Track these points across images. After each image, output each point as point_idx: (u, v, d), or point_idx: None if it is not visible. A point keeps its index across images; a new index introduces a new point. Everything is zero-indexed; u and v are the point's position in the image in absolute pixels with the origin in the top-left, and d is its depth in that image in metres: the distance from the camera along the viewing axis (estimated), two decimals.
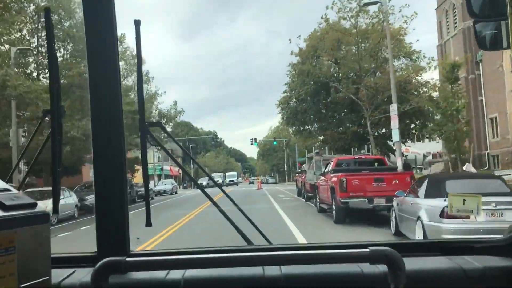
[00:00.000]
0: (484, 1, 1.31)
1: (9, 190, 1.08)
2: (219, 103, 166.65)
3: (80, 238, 10.11)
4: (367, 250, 1.07)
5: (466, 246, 1.48)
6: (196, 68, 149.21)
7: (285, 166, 66.57)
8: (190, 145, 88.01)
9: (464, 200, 1.72)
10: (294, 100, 32.42)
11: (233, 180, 60.71)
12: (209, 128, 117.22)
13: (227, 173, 78.25)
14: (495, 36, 1.33)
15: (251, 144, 55.78)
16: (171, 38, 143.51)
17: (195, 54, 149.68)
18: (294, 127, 35.54)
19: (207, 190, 1.58)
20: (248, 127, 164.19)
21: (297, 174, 27.45)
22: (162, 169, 46.14)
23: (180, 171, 60.82)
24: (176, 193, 35.20)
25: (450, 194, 1.75)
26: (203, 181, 46.92)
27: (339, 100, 29.37)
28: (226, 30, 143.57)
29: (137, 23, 1.38)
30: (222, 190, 1.67)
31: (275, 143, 64.24)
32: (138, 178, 26.50)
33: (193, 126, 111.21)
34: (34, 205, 1.07)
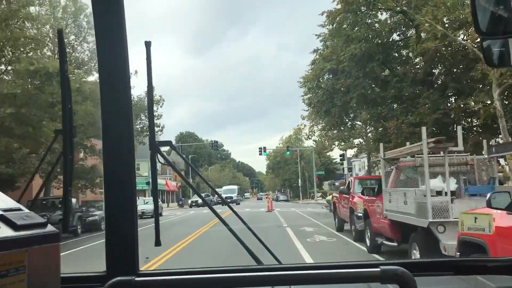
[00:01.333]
0: (491, 19, 1.47)
1: (20, 209, 1.21)
2: (227, 117, 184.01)
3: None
4: (378, 269, 1.16)
5: (479, 265, 1.60)
6: (205, 82, 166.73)
7: (299, 181, 64.99)
8: (189, 156, 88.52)
9: (475, 218, 1.86)
10: (328, 74, 22.61)
11: (231, 197, 53.21)
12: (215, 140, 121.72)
13: (224, 188, 72.48)
14: (503, 53, 1.50)
15: (260, 154, 50.53)
16: (182, 53, 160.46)
17: (204, 68, 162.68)
18: (325, 118, 24.80)
19: (201, 210, 1.73)
20: (256, 142, 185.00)
21: (334, 195, 19.32)
22: (148, 183, 44.55)
23: (179, 186, 60.82)
24: (161, 215, 31.01)
25: (461, 212, 1.91)
26: (199, 198, 46.03)
27: (411, 68, 20.02)
28: (236, 44, 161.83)
29: (147, 44, 1.57)
30: (230, 207, 1.84)
31: (287, 153, 61.73)
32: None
33: (197, 137, 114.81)
34: (44, 225, 1.19)
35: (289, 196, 79.16)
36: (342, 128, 26.05)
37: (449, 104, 18.93)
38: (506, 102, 16.52)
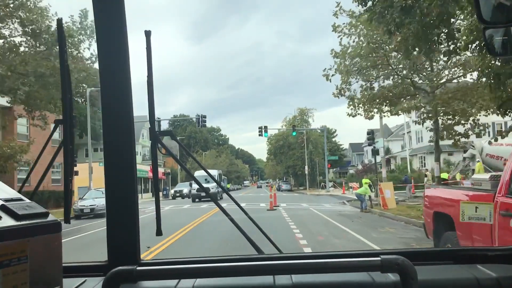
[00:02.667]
0: (494, 7, 1.64)
1: (21, 199, 1.34)
2: (227, 105, 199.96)
3: None
4: (378, 258, 1.29)
5: (479, 254, 1.76)
6: (205, 70, 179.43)
7: (306, 168, 62.32)
8: (184, 141, 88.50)
9: (476, 207, 2.06)
10: None
11: (209, 189, 51.31)
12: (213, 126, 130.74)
13: (196, 173, 70.43)
14: (505, 42, 1.68)
15: (260, 135, 47.48)
16: (182, 40, 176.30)
17: (205, 56, 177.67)
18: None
19: (184, 203, 1.92)
20: (256, 130, 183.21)
21: (435, 185, 15.44)
22: None
23: (162, 173, 60.75)
24: None
25: (462, 201, 2.09)
26: (183, 188, 45.22)
27: None
28: (236, 31, 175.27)
29: (147, 33, 1.73)
30: (231, 197, 2.02)
31: (294, 133, 59.58)
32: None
33: (192, 121, 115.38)
34: (46, 215, 1.32)
35: (293, 185, 77.88)
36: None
37: None
38: None
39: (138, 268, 1.36)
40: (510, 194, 4.39)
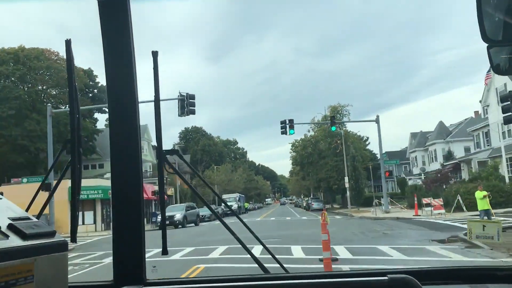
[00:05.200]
0: (498, 26, 2.04)
1: (29, 218, 1.63)
2: (246, 123, 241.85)
3: None
4: (385, 278, 1.56)
5: (489, 273, 2.09)
6: (223, 88, 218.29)
7: (346, 180, 56.48)
8: (196, 156, 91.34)
9: (483, 226, 2.42)
10: None
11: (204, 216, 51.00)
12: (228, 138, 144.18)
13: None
14: (510, 60, 2.08)
15: (283, 133, 44.24)
16: (200, 60, 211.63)
17: (222, 75, 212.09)
18: None
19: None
20: (275, 147, 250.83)
21: None
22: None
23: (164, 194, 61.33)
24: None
25: (469, 220, 2.47)
26: (176, 212, 43.41)
27: None
28: (253, 50, 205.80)
29: (154, 54, 2.19)
30: (242, 221, 2.43)
31: (333, 128, 53.00)
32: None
33: (206, 133, 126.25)
34: (53, 234, 1.60)
35: (324, 201, 75.01)
36: None
37: None
38: None
39: (144, 287, 1.69)
40: None
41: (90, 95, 67.73)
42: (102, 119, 70.43)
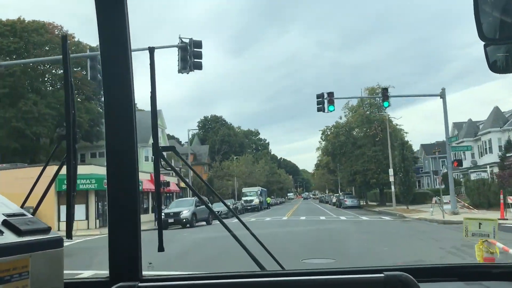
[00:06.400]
0: (494, 24, 2.29)
1: (24, 214, 1.82)
2: (268, 117, 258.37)
3: None
4: (381, 275, 1.73)
5: (483, 271, 2.36)
6: (245, 82, 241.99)
7: (391, 172, 53.67)
8: (216, 146, 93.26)
9: (480, 223, 2.70)
10: None
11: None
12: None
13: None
14: (507, 59, 2.35)
15: (319, 109, 37.82)
16: (222, 53, 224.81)
17: (245, 68, 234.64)
18: None
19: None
20: (298, 141, 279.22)
21: None
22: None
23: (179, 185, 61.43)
24: None
25: (465, 217, 2.73)
26: (182, 208, 39.87)
27: None
28: (275, 43, 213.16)
29: (151, 50, 2.48)
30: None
31: (386, 104, 44.67)
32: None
33: (226, 122, 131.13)
34: (48, 230, 1.78)
35: (358, 199, 71.92)
36: None
37: None
38: None
39: (140, 284, 1.85)
40: None
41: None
42: None
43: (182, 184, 58.54)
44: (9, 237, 1.62)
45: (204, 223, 41.39)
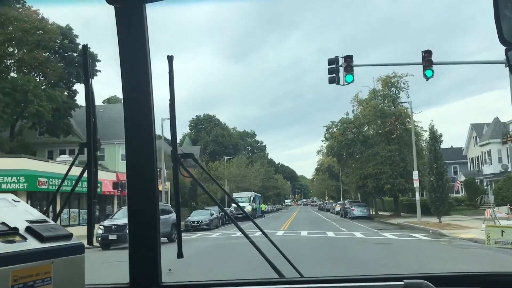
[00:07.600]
0: None
1: (46, 221, 2.03)
2: (268, 122, 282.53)
3: None
4: (401, 283, 1.95)
5: (505, 279, 2.57)
6: (245, 88, 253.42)
7: (415, 176, 50.11)
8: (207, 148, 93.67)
9: (502, 231, 2.99)
10: None
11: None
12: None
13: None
14: None
15: (331, 81, 31.09)
16: (223, 59, 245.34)
17: (245, 74, 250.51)
18: None
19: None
20: (297, 147, 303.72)
21: None
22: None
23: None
24: None
25: (487, 225, 3.04)
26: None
27: None
28: (276, 49, 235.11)
29: (170, 58, 2.79)
30: (255, 223, 2.98)
31: (429, 73, 28.70)
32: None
33: (219, 122, 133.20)
34: (70, 236, 2.00)
35: (369, 208, 67.51)
36: None
37: None
38: None
39: None
40: None
41: (66, 58, 65.01)
42: (82, 91, 68.63)
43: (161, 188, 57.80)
44: (32, 244, 1.81)
45: (165, 239, 32.67)
